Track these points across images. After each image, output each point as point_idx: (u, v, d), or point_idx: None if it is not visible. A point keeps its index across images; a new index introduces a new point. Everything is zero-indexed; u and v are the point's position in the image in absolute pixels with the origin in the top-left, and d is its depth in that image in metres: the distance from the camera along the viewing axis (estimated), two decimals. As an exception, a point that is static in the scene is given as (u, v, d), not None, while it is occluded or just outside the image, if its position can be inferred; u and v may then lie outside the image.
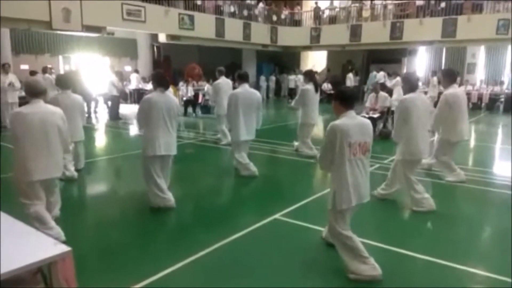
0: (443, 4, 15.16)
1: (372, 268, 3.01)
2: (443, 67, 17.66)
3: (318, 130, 9.49)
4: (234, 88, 6.93)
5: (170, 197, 4.52)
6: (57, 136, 3.61)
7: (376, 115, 8.77)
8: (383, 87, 11.12)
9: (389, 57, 18.45)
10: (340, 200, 2.95)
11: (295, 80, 19.22)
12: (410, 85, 4.53)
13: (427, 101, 4.81)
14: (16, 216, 2.18)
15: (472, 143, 9.73)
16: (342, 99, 3.03)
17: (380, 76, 16.20)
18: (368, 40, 16.60)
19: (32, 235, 1.82)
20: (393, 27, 15.95)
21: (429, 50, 18.31)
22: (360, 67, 20.06)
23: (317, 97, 7.16)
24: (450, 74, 5.68)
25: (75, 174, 5.71)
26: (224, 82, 8.04)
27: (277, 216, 4.22)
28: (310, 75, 7.35)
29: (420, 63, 18.73)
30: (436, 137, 5.88)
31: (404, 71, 18.25)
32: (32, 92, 3.55)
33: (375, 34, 16.27)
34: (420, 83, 12.35)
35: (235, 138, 5.80)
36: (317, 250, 3.54)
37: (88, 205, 5.05)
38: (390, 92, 10.59)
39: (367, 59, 20.45)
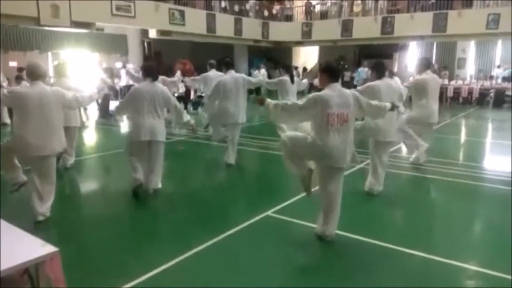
0: (433, -1, 15.22)
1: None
2: (434, 61, 17.76)
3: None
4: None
5: (140, 178, 4.73)
6: (58, 114, 3.91)
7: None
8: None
9: (381, 52, 18.48)
10: (318, 156, 3.36)
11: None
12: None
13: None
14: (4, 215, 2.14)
15: (463, 138, 9.83)
16: (328, 71, 3.37)
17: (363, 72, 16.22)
18: (359, 35, 16.62)
19: (19, 235, 1.79)
20: (384, 22, 15.97)
21: (420, 45, 18.39)
22: (352, 62, 20.08)
23: (294, 87, 7.33)
24: (423, 62, 6.20)
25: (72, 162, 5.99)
26: (214, 74, 7.94)
27: (269, 212, 4.21)
28: (286, 67, 7.85)
29: (411, 58, 18.81)
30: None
31: (396, 66, 18.33)
32: (33, 75, 3.84)
33: (366, 29, 16.29)
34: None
35: (221, 121, 6.20)
36: (311, 247, 3.54)
37: (77, 203, 4.97)
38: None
39: (359, 55, 20.49)
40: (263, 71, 16.94)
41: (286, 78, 7.21)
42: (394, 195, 5.01)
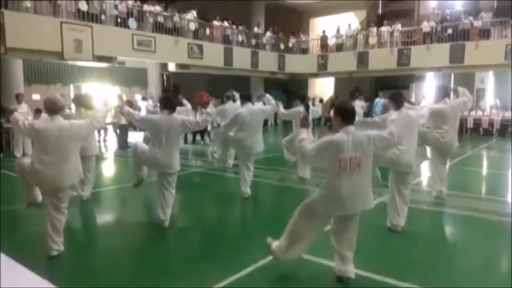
0: (449, 31, 15.24)
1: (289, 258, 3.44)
2: (451, 92, 17.57)
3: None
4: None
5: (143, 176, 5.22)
6: (76, 146, 3.98)
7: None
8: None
9: (397, 83, 18.44)
10: (325, 206, 3.22)
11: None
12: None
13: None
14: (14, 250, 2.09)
15: (486, 170, 9.55)
16: (342, 115, 3.23)
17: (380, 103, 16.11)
18: (375, 67, 16.68)
19: (24, 276, 1.73)
20: (400, 53, 16.03)
21: (437, 76, 18.30)
22: (368, 93, 20.06)
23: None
24: (441, 90, 6.05)
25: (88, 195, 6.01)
26: (230, 106, 8.05)
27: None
28: (301, 98, 7.89)
29: (429, 89, 18.67)
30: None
31: (413, 97, 18.20)
32: (52, 109, 3.87)
33: (382, 60, 16.35)
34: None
35: (235, 148, 6.37)
36: None
37: (90, 236, 4.91)
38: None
39: (375, 86, 20.49)
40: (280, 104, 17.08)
41: (301, 108, 7.19)
42: (417, 232, 4.80)
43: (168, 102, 4.82)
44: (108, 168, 9.79)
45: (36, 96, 13.05)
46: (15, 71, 11.70)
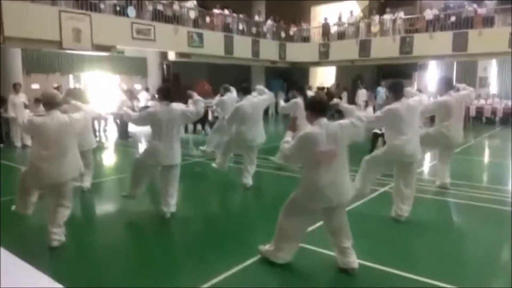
0: (453, 18, 15.06)
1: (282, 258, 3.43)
2: (454, 81, 17.45)
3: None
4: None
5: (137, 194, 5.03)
6: (74, 140, 3.96)
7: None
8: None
9: (400, 72, 18.31)
10: (306, 200, 3.22)
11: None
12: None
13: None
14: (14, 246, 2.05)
15: (489, 159, 9.50)
16: (313, 108, 3.22)
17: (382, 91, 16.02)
18: (377, 55, 16.53)
19: (25, 271, 1.68)
20: (402, 41, 15.87)
21: (440, 64, 18.14)
22: (370, 82, 19.93)
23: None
24: (445, 82, 5.97)
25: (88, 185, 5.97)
26: (229, 98, 8.00)
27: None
28: (299, 89, 7.90)
29: (431, 77, 18.54)
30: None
31: (415, 85, 18.07)
32: (49, 104, 3.86)
33: (384, 49, 16.20)
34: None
35: (239, 144, 6.14)
36: (334, 278, 3.36)
37: (90, 227, 4.87)
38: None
39: (377, 74, 20.34)
40: (281, 93, 17.07)
41: (299, 100, 7.10)
42: (421, 221, 4.76)
43: (167, 92, 4.74)
44: (109, 158, 9.74)
45: (35, 86, 12.97)
46: (13, 61, 11.59)
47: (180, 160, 4.84)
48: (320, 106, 3.23)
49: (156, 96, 6.04)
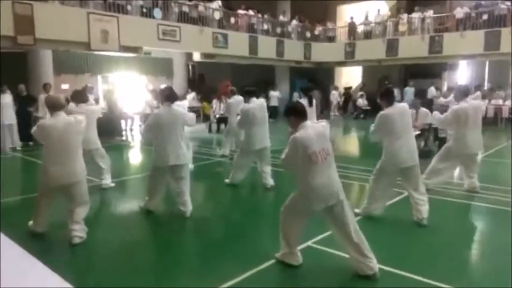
0: (485, 16, 14.52)
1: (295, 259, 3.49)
2: (486, 81, 16.85)
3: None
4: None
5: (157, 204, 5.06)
6: (79, 142, 4.07)
7: (416, 133, 8.33)
8: (430, 103, 10.52)
9: (428, 71, 17.81)
10: (307, 203, 3.24)
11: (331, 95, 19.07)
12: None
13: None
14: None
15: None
16: (295, 113, 3.31)
17: (430, 93, 15.62)
18: (405, 54, 16.14)
19: (36, 269, 1.69)
20: (432, 41, 15.43)
21: (471, 64, 17.52)
22: (398, 82, 19.49)
23: (312, 111, 7.22)
24: (462, 90, 5.82)
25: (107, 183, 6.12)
26: (235, 100, 8.20)
27: (310, 243, 3.95)
28: (305, 90, 7.75)
29: (461, 77, 17.95)
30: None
31: (445, 86, 17.55)
32: (54, 106, 4.02)
33: (413, 48, 15.79)
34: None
35: (250, 148, 6.08)
36: (350, 284, 3.27)
37: (106, 226, 4.93)
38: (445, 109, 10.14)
39: (405, 74, 19.86)
40: (277, 93, 16.94)
41: (305, 102, 7.02)
42: (445, 226, 4.60)
43: (170, 93, 4.82)
44: (134, 157, 9.90)
45: (65, 86, 13.33)
46: (44, 62, 11.95)
47: (187, 161, 4.90)
48: (302, 111, 3.34)
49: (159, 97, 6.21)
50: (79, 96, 6.12)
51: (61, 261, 3.64)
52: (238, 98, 8.05)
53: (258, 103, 6.15)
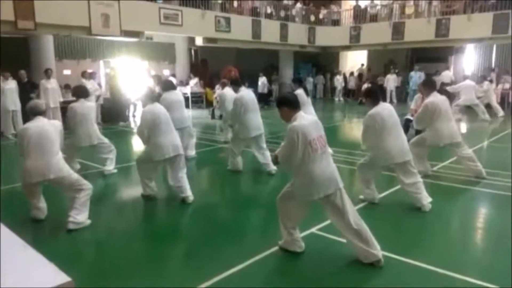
0: (493, -1, 14.21)
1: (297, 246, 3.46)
2: (493, 65, 16.57)
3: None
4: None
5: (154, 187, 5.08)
6: (53, 144, 4.08)
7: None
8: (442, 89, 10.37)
9: (435, 55, 17.53)
10: (306, 193, 3.18)
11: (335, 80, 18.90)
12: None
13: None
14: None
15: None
16: (287, 104, 3.26)
17: (446, 76, 15.33)
18: (411, 38, 15.87)
19: (33, 259, 1.64)
20: (438, 24, 15.13)
21: (478, 48, 17.21)
22: (403, 66, 19.23)
23: (309, 99, 7.46)
24: (430, 84, 5.82)
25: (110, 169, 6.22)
26: (228, 91, 8.24)
27: (313, 230, 3.91)
28: (298, 81, 7.72)
29: (468, 61, 17.67)
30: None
31: (452, 70, 17.29)
32: (34, 112, 4.14)
33: (419, 31, 15.52)
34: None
35: (246, 135, 6.12)
36: (354, 270, 3.22)
37: (100, 212, 4.89)
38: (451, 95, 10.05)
39: (411, 58, 19.58)
40: (264, 78, 16.75)
41: (300, 91, 7.02)
42: (448, 212, 4.56)
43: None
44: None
45: (66, 71, 13.24)
46: (46, 47, 11.81)
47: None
48: (295, 101, 3.28)
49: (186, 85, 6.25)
50: (80, 92, 6.14)
51: (58, 248, 3.62)
52: (230, 89, 8.08)
53: (247, 92, 6.34)
